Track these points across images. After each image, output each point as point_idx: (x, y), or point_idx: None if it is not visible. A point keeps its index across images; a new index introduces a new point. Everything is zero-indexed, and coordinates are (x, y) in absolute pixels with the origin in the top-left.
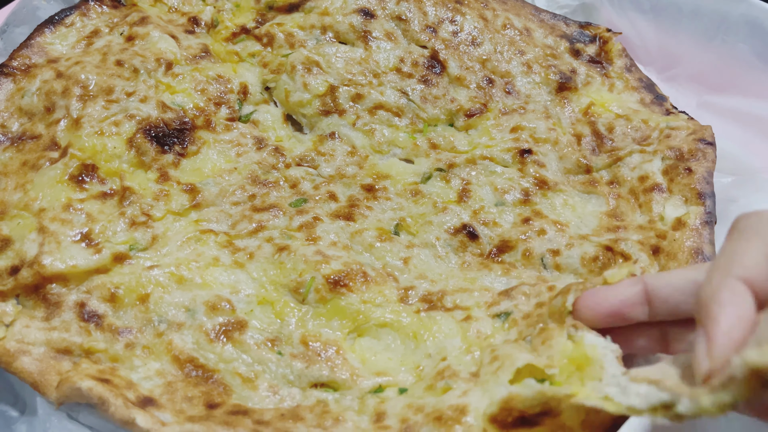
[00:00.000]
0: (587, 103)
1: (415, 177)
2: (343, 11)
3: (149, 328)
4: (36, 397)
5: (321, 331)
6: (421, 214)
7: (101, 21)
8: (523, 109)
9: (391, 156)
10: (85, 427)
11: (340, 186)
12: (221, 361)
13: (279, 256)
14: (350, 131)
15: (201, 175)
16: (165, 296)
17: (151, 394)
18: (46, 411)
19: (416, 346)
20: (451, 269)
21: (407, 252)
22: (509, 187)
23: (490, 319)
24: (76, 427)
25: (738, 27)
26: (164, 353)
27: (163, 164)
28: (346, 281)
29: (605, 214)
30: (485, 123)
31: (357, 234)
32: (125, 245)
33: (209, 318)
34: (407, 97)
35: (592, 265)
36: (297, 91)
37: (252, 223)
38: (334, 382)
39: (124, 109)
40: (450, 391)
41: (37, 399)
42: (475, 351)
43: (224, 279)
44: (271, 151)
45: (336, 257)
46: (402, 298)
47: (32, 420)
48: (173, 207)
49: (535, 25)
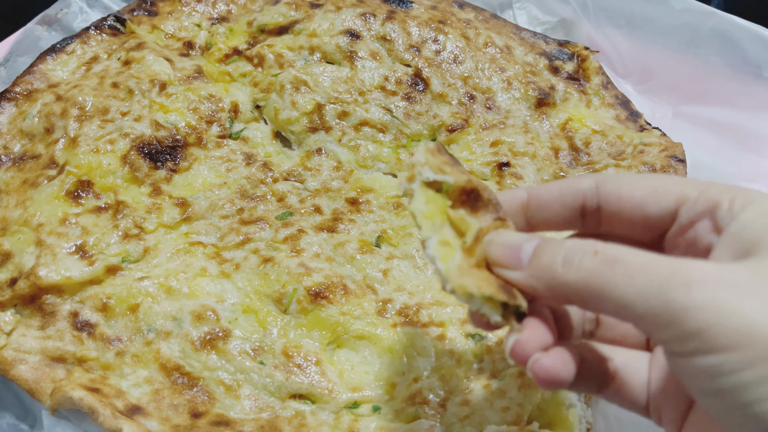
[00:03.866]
0: (565, 118)
1: (398, 190)
2: (331, 33)
3: (138, 337)
4: (42, 409)
5: (302, 342)
6: (402, 227)
7: (101, 48)
8: (503, 123)
9: (375, 170)
10: None
11: (325, 199)
12: (205, 369)
13: (264, 267)
14: (336, 147)
15: (192, 190)
16: (154, 306)
17: (138, 402)
18: (51, 422)
19: (391, 361)
20: (429, 280)
21: (387, 264)
22: None
23: (463, 338)
24: None
25: (709, 40)
26: (152, 361)
27: (155, 179)
28: (326, 293)
29: None
30: (466, 138)
31: (340, 246)
32: (118, 257)
33: (195, 327)
34: (391, 113)
35: None
36: (286, 109)
37: (239, 236)
38: (312, 395)
39: (119, 128)
40: (419, 421)
41: (42, 411)
42: (448, 378)
43: (210, 288)
44: (259, 167)
45: (318, 269)
46: (380, 310)
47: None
48: (165, 220)
49: (515, 43)
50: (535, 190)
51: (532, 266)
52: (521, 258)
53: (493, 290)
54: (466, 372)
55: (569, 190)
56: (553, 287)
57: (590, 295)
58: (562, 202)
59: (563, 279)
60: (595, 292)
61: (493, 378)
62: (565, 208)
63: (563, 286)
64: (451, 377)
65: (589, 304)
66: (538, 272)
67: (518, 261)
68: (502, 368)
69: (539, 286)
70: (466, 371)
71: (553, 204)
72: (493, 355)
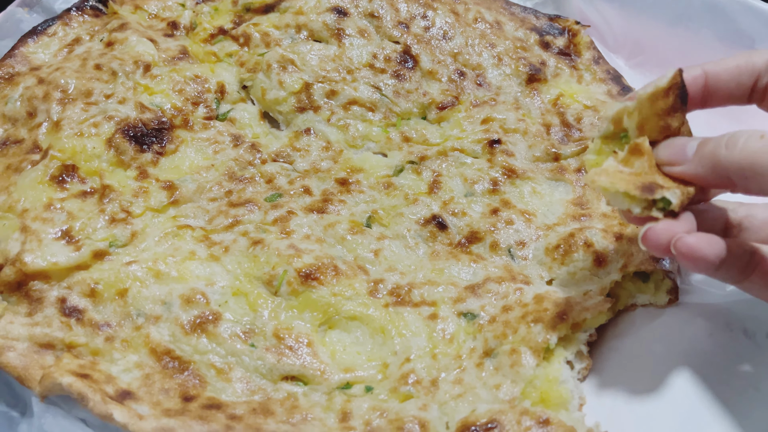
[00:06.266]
0: (556, 94)
1: (388, 170)
2: (317, 10)
3: (128, 321)
4: (32, 396)
5: (293, 324)
6: (393, 206)
7: (83, 29)
8: (494, 100)
9: (365, 150)
10: (78, 421)
11: (314, 180)
12: (196, 353)
13: (253, 250)
14: (325, 127)
15: (179, 173)
16: (143, 290)
17: (129, 387)
18: (41, 408)
19: (383, 341)
20: (420, 259)
21: (378, 244)
22: (478, 177)
23: (455, 317)
24: (69, 423)
25: (701, 12)
26: (142, 346)
27: (142, 163)
28: (317, 274)
29: (571, 203)
30: (457, 115)
31: (330, 227)
32: (105, 242)
33: (184, 311)
34: (380, 92)
35: (555, 253)
36: (273, 89)
37: (228, 218)
38: (304, 376)
39: (103, 111)
40: (411, 399)
41: (32, 398)
42: (440, 357)
43: (200, 272)
44: (247, 148)
45: (308, 251)
46: (371, 291)
47: (31, 420)
48: (152, 203)
49: (505, 19)
50: (712, 68)
51: (697, 155)
52: (687, 153)
53: (627, 186)
54: (458, 350)
55: (746, 68)
56: (716, 169)
57: (754, 173)
58: (738, 80)
59: (727, 159)
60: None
61: (486, 356)
62: (740, 87)
63: (726, 166)
64: (443, 356)
65: (751, 183)
66: (702, 159)
67: (684, 156)
68: (495, 346)
69: (703, 172)
70: (458, 350)
71: (729, 83)
72: (485, 334)
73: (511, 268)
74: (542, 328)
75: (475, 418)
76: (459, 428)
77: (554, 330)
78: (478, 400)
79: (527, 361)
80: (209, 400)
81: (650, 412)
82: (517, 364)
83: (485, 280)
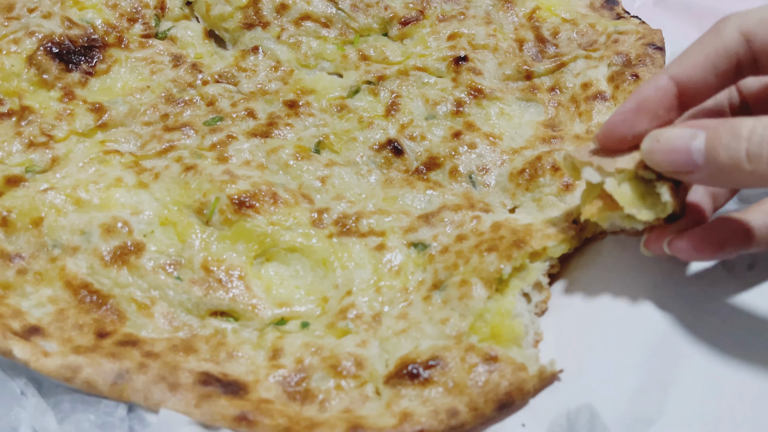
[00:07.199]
0: (532, 7)
1: (342, 91)
2: None
3: (42, 253)
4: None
5: (225, 255)
6: (346, 131)
7: None
8: (463, 15)
9: (318, 70)
10: None
11: (261, 103)
12: (116, 286)
13: (185, 176)
14: (274, 45)
15: (110, 94)
16: (60, 219)
17: (39, 323)
18: None
19: (325, 274)
20: (372, 188)
21: (326, 170)
22: (441, 98)
23: (405, 248)
24: None
25: None
26: (57, 279)
27: (68, 83)
28: (252, 202)
29: (542, 124)
30: (421, 31)
31: (273, 152)
32: (21, 167)
33: (104, 241)
34: (336, 5)
35: (520, 178)
36: (218, 4)
37: (162, 143)
38: (234, 311)
39: (25, 26)
40: (349, 335)
41: None
42: (385, 290)
43: (125, 200)
44: (188, 69)
45: (245, 176)
46: (315, 221)
47: None
48: (77, 127)
49: None
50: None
51: (712, 166)
52: (694, 160)
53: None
54: (405, 283)
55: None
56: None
57: None
58: (715, 73)
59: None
60: None
61: (435, 289)
62: (719, 78)
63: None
64: (388, 289)
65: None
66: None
67: (691, 163)
68: (445, 278)
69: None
70: (405, 282)
71: (706, 79)
72: (435, 265)
73: (471, 195)
74: (496, 257)
75: (416, 354)
76: (397, 366)
77: (509, 259)
78: (422, 336)
79: (477, 293)
80: (125, 336)
81: (614, 348)
82: (466, 297)
83: (440, 209)
